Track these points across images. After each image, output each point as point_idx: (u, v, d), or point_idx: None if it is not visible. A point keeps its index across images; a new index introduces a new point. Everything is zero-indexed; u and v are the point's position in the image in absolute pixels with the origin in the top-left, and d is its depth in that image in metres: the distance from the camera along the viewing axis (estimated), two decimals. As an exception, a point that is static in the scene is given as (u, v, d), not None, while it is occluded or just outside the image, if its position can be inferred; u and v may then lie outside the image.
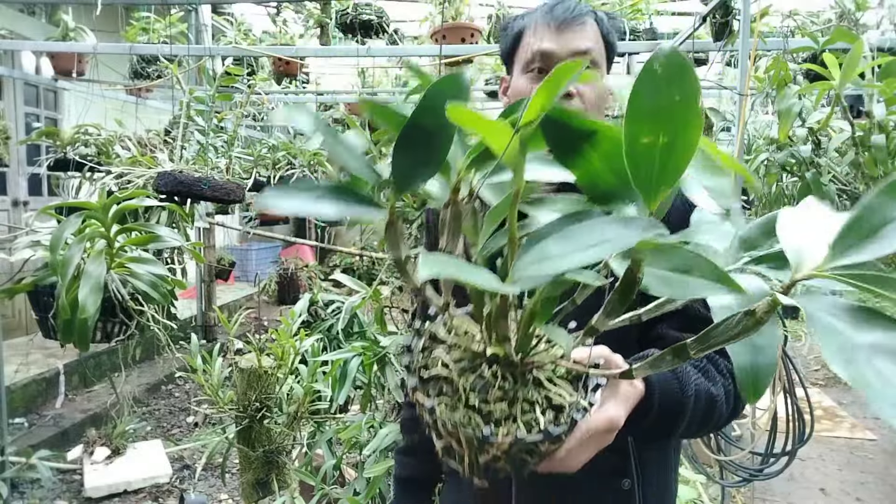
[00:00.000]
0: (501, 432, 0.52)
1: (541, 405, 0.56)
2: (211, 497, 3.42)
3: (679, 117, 0.40)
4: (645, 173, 0.42)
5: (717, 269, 0.40)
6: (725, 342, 0.44)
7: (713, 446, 2.55)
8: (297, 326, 2.26)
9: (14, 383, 3.96)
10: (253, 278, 7.59)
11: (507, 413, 0.54)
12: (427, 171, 0.47)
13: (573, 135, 0.46)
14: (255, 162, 4.02)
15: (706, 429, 0.85)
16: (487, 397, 0.54)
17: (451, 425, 0.53)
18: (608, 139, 0.45)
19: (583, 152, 0.47)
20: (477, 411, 0.54)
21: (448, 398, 0.55)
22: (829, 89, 1.98)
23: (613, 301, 0.51)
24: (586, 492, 0.94)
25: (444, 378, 0.57)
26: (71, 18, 4.13)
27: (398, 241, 0.54)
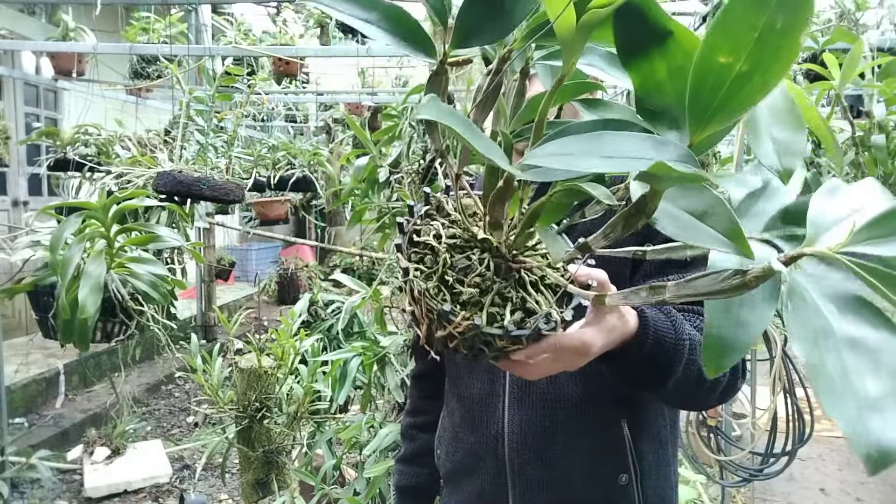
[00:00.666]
0: (462, 314, 0.52)
1: (514, 304, 0.55)
2: (211, 497, 3.42)
3: (771, 46, 0.33)
4: (706, 97, 0.36)
5: (734, 223, 0.36)
6: (706, 295, 0.40)
7: (713, 446, 2.55)
8: (297, 326, 2.26)
9: (14, 383, 3.96)
10: (253, 278, 7.59)
11: (476, 300, 0.54)
12: (494, 30, 0.42)
13: (646, 31, 0.40)
14: (255, 162, 4.02)
15: (701, 390, 0.83)
16: (465, 279, 0.55)
17: (419, 292, 0.53)
18: (683, 51, 0.39)
19: (650, 56, 0.41)
20: (448, 288, 0.54)
21: (426, 267, 0.55)
22: (829, 89, 1.98)
23: (616, 223, 0.47)
24: (584, 487, 0.94)
25: (431, 248, 0.57)
26: (71, 18, 4.13)
27: (442, 91, 0.52)
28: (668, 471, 1.01)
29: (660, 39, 0.40)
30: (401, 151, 2.01)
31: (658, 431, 0.99)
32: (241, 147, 4.00)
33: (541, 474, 0.95)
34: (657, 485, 0.97)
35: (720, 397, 0.87)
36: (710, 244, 0.38)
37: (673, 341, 0.76)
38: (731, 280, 0.38)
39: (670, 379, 0.77)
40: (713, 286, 0.40)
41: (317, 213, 7.30)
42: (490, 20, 0.43)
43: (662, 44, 0.40)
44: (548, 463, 0.94)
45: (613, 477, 0.94)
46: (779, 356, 2.19)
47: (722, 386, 0.85)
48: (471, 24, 0.43)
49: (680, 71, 0.40)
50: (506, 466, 0.97)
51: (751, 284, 0.37)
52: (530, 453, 0.95)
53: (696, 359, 0.79)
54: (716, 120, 0.37)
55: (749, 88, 0.35)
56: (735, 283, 0.38)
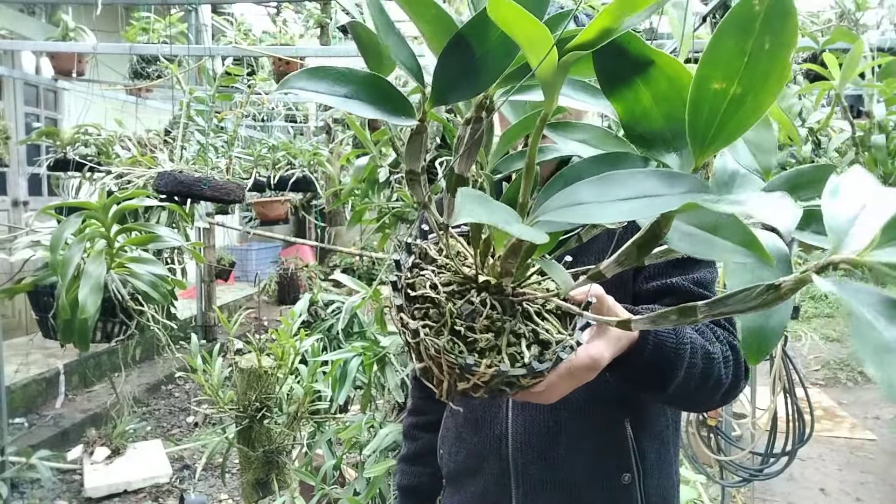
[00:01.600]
0: (485, 363, 0.51)
1: (527, 339, 0.55)
2: (211, 497, 3.42)
3: (761, 68, 0.34)
4: (704, 123, 0.37)
5: (748, 232, 0.37)
6: (741, 312, 0.40)
7: (713, 446, 2.55)
8: (297, 326, 2.26)
9: (14, 383, 3.96)
10: (253, 278, 7.59)
11: (493, 343, 0.53)
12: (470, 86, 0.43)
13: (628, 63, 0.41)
14: (255, 162, 4.02)
15: (706, 391, 0.82)
16: (474, 325, 0.53)
17: (435, 350, 0.51)
18: (666, 77, 0.41)
19: (633, 86, 0.42)
20: (462, 338, 0.52)
21: (434, 322, 0.54)
22: (829, 89, 1.98)
23: (630, 251, 0.47)
24: (586, 487, 0.94)
25: (432, 300, 0.55)
26: (71, 18, 4.13)
27: (419, 154, 0.52)
28: (670, 470, 1.02)
29: (641, 69, 0.41)
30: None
31: (660, 431, 0.99)
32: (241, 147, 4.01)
33: (544, 474, 0.95)
34: (659, 484, 0.98)
35: (723, 399, 0.87)
36: (729, 256, 0.38)
37: (673, 346, 0.76)
38: (766, 296, 0.38)
39: (672, 383, 0.77)
40: (748, 303, 0.39)
41: (317, 213, 7.30)
42: (465, 76, 0.43)
43: (644, 73, 0.41)
44: (551, 463, 0.95)
45: (616, 477, 0.94)
46: (779, 356, 2.19)
47: (725, 387, 0.84)
48: (446, 82, 0.43)
49: (666, 97, 0.41)
50: (509, 466, 0.97)
51: (786, 297, 0.37)
52: (534, 453, 0.95)
53: (697, 362, 0.79)
54: (716, 143, 0.38)
55: (744, 111, 0.36)
56: (769, 297, 0.38)
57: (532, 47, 0.38)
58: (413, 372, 1.28)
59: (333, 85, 0.42)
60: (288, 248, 8.60)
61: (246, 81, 3.19)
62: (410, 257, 0.59)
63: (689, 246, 0.40)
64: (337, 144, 5.76)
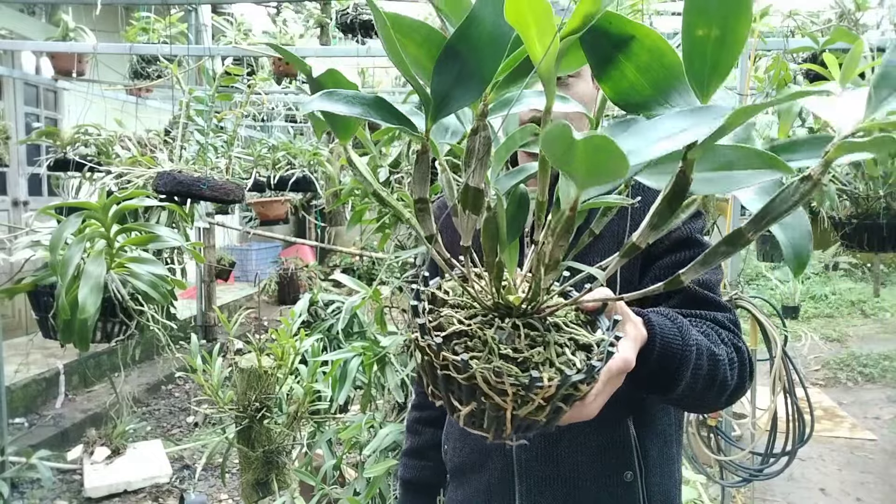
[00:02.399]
0: (546, 375, 0.50)
1: (570, 347, 0.54)
2: (211, 497, 3.42)
3: (731, 8, 0.39)
4: (698, 66, 0.41)
5: (764, 154, 0.40)
6: (784, 213, 0.43)
7: (713, 446, 2.54)
8: (297, 326, 2.26)
9: (14, 383, 3.96)
10: (253, 278, 7.59)
11: (545, 357, 0.52)
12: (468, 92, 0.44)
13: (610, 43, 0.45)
14: (254, 162, 4.02)
15: (712, 393, 0.83)
16: (518, 346, 0.52)
17: (494, 376, 0.49)
18: (646, 49, 0.44)
19: (617, 64, 0.45)
20: (512, 360, 0.51)
21: (479, 352, 0.52)
22: (829, 89, 1.98)
23: (661, 209, 0.48)
24: (589, 485, 0.94)
25: (466, 334, 0.54)
26: (71, 18, 4.13)
27: (425, 178, 0.51)
28: (673, 468, 1.02)
29: (623, 46, 0.44)
30: (401, 151, 2.01)
31: (663, 429, 1.00)
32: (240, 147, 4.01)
33: (547, 471, 0.96)
34: (661, 482, 0.98)
35: (728, 400, 0.88)
36: (756, 181, 0.41)
37: (680, 348, 0.76)
38: (802, 188, 0.41)
39: (678, 385, 0.77)
40: (789, 201, 0.42)
41: (317, 213, 7.30)
42: (461, 83, 0.44)
43: (626, 49, 0.44)
44: (554, 460, 0.95)
45: (618, 474, 0.94)
46: (779, 356, 2.19)
47: (730, 389, 0.85)
48: (444, 93, 0.44)
49: (648, 66, 0.44)
50: (513, 463, 0.98)
51: (820, 181, 0.41)
52: (537, 450, 0.96)
53: (703, 364, 0.79)
54: (714, 82, 0.42)
55: (727, 48, 0.41)
56: (806, 188, 0.41)
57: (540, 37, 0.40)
58: (416, 370, 1.28)
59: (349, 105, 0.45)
60: (288, 248, 8.61)
61: (246, 81, 3.19)
62: (422, 303, 0.57)
63: (713, 186, 0.44)
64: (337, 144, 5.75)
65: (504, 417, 0.51)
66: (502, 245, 0.55)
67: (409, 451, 1.23)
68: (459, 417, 0.54)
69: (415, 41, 0.44)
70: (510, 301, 0.56)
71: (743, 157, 0.42)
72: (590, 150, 0.37)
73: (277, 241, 8.02)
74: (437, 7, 0.47)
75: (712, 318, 0.89)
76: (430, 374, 0.55)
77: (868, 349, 6.08)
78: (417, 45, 0.44)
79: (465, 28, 0.42)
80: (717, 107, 0.41)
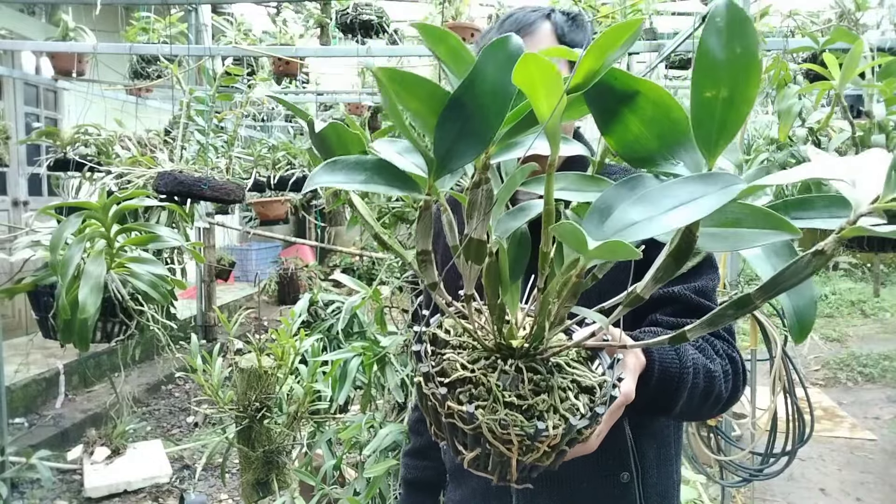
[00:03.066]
0: (551, 424, 0.50)
1: (572, 390, 0.54)
2: (211, 497, 3.42)
3: (739, 70, 0.40)
4: (706, 127, 0.42)
5: (772, 216, 0.40)
6: (793, 285, 0.43)
7: (713, 446, 2.54)
8: (297, 326, 2.26)
9: (14, 383, 3.96)
10: (253, 278, 7.59)
11: (549, 405, 0.52)
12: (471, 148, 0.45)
13: (615, 98, 0.45)
14: (255, 162, 4.02)
15: (707, 406, 0.84)
16: (521, 392, 0.52)
17: (500, 428, 0.49)
18: (651, 103, 0.45)
19: (621, 117, 0.46)
20: (517, 408, 0.51)
21: (483, 400, 0.52)
22: (829, 89, 1.98)
23: (667, 264, 0.48)
24: (585, 485, 0.95)
25: (471, 381, 0.53)
26: (71, 18, 4.12)
27: (429, 231, 0.52)
28: (671, 469, 1.02)
29: (628, 101, 0.45)
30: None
31: (660, 430, 1.00)
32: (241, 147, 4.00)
33: (543, 472, 0.96)
34: (658, 483, 0.98)
35: (722, 409, 0.89)
36: (762, 241, 0.41)
37: (678, 370, 0.77)
38: (814, 262, 0.41)
39: (676, 406, 0.79)
40: (802, 273, 0.42)
41: (317, 213, 7.29)
42: (464, 139, 0.44)
43: (631, 103, 0.45)
44: None
45: (615, 475, 0.94)
46: (779, 356, 2.19)
47: (724, 401, 0.86)
48: (447, 149, 0.44)
49: (653, 119, 0.45)
50: None
51: (832, 256, 0.41)
52: None
53: (699, 382, 0.80)
54: (721, 143, 0.42)
55: (735, 109, 0.41)
56: (818, 262, 0.41)
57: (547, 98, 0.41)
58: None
59: (351, 173, 0.46)
60: (288, 248, 8.60)
61: (246, 81, 3.19)
62: (424, 345, 0.57)
63: (720, 244, 0.44)
64: (337, 144, 5.76)
65: (508, 462, 0.52)
66: (504, 288, 0.55)
67: (410, 452, 1.23)
68: (464, 461, 0.54)
69: (417, 96, 0.44)
70: (512, 343, 0.56)
71: (750, 216, 0.42)
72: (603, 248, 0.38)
73: (277, 241, 8.02)
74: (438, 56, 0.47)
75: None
76: (433, 418, 0.55)
77: (868, 349, 6.08)
78: (420, 100, 0.44)
79: (469, 83, 0.42)
80: (730, 175, 0.40)
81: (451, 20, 3.66)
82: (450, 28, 3.66)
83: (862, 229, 0.38)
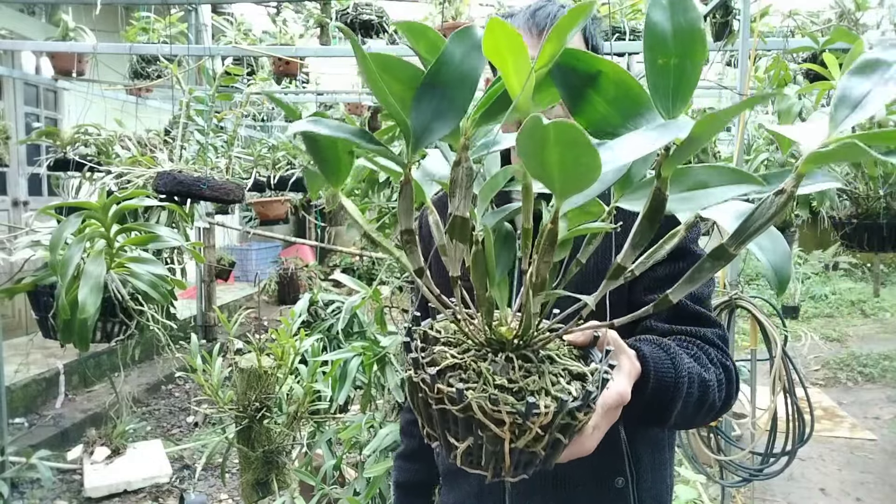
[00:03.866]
0: (543, 402, 0.50)
1: (564, 377, 0.54)
2: (211, 497, 3.42)
3: (685, 38, 0.45)
4: (663, 90, 0.46)
5: (736, 170, 0.44)
6: (763, 226, 0.45)
7: (713, 446, 2.54)
8: (297, 326, 2.26)
9: (14, 383, 3.96)
10: (253, 278, 7.59)
11: (540, 386, 0.52)
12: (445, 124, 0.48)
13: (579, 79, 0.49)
14: (255, 162, 4.02)
15: (700, 415, 0.84)
16: (512, 377, 0.52)
17: (490, 404, 0.49)
18: (613, 83, 0.48)
19: (588, 98, 0.49)
20: (508, 390, 0.51)
21: (474, 383, 0.52)
22: (829, 89, 1.98)
23: (642, 227, 0.50)
24: (580, 490, 0.94)
25: (460, 367, 0.54)
26: (71, 18, 4.13)
27: (410, 209, 0.53)
28: (665, 473, 1.02)
29: (592, 81, 0.49)
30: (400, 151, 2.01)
31: (655, 434, 1.00)
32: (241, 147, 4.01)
33: (538, 476, 0.95)
34: (653, 487, 0.98)
35: (714, 417, 0.89)
36: (732, 194, 0.45)
37: (672, 380, 0.77)
38: (776, 200, 0.44)
39: (671, 416, 0.79)
40: (767, 214, 0.45)
41: (317, 213, 7.30)
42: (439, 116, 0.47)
43: (595, 84, 0.49)
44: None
45: (610, 479, 0.94)
46: (779, 356, 2.19)
47: (717, 409, 0.86)
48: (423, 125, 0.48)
49: (616, 98, 0.49)
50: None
51: (793, 194, 0.44)
52: None
53: (694, 391, 0.80)
54: (678, 103, 0.46)
55: (686, 73, 0.45)
56: (781, 200, 0.44)
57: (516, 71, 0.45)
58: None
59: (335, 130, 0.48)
60: (288, 248, 8.60)
61: (246, 81, 3.18)
62: (415, 341, 0.58)
63: (690, 203, 0.47)
64: (337, 144, 5.76)
65: (502, 452, 0.51)
66: (491, 279, 0.56)
67: (403, 455, 1.23)
68: (457, 457, 0.53)
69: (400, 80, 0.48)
70: (502, 335, 0.56)
71: (716, 175, 0.45)
72: (562, 144, 0.39)
73: (277, 241, 8.02)
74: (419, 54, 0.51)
75: (701, 336, 0.90)
76: (424, 412, 0.54)
77: (868, 349, 6.08)
78: (402, 83, 0.48)
79: (437, 66, 0.46)
80: (681, 120, 0.44)
81: (451, 20, 3.66)
82: (449, 28, 3.67)
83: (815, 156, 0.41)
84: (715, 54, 3.35)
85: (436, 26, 3.85)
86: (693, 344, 0.88)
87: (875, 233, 2.28)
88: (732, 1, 2.70)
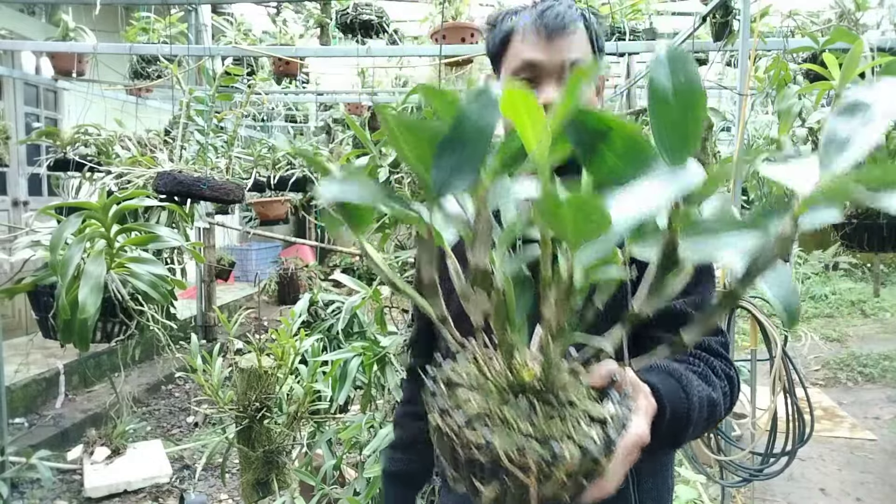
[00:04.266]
0: (568, 449, 0.50)
1: (584, 419, 0.55)
2: (211, 497, 3.42)
3: (685, 97, 0.48)
4: (668, 143, 0.49)
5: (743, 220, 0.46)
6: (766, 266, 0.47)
7: (713, 446, 2.54)
8: (297, 326, 2.26)
9: (14, 383, 3.96)
10: (253, 278, 7.59)
11: (564, 431, 0.52)
12: (466, 177, 0.50)
13: (589, 135, 0.51)
14: (255, 162, 4.02)
15: (706, 430, 0.87)
16: (535, 422, 0.53)
17: (517, 453, 0.50)
18: (621, 137, 0.50)
19: (599, 152, 0.52)
20: (532, 438, 0.52)
21: (499, 429, 0.52)
22: (829, 89, 1.98)
23: (658, 277, 0.51)
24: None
25: (486, 413, 0.54)
26: (71, 18, 4.13)
27: (432, 258, 0.55)
28: (666, 474, 1.02)
29: (602, 137, 0.51)
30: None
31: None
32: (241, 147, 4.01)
33: None
34: (653, 488, 0.98)
35: (714, 426, 0.90)
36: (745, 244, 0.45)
37: (686, 410, 0.77)
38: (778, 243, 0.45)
39: (683, 441, 0.80)
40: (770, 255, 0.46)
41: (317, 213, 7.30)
42: (458, 171, 0.50)
43: (605, 139, 0.51)
44: None
45: None
46: (779, 356, 2.19)
47: (722, 416, 0.88)
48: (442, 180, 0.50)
49: (625, 151, 0.51)
50: None
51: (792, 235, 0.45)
52: None
53: (704, 412, 0.80)
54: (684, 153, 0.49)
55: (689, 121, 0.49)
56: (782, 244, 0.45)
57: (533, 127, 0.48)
58: (410, 365, 1.28)
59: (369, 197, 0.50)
60: (288, 248, 8.60)
61: (246, 81, 3.19)
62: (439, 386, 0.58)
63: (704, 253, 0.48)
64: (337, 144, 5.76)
65: (527, 497, 0.51)
66: (511, 324, 0.56)
67: (396, 445, 1.23)
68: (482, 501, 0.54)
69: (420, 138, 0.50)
70: (523, 378, 0.57)
71: (726, 225, 0.47)
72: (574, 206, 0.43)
73: (277, 241, 8.02)
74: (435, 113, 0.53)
75: (706, 348, 0.90)
76: (450, 457, 0.55)
77: (868, 349, 6.08)
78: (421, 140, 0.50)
79: (456, 124, 0.48)
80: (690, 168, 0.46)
81: (451, 20, 3.66)
82: (449, 28, 3.67)
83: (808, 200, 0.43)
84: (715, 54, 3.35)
85: (436, 26, 3.85)
86: (698, 357, 0.88)
87: (875, 233, 2.28)
88: (732, 1, 2.71)
